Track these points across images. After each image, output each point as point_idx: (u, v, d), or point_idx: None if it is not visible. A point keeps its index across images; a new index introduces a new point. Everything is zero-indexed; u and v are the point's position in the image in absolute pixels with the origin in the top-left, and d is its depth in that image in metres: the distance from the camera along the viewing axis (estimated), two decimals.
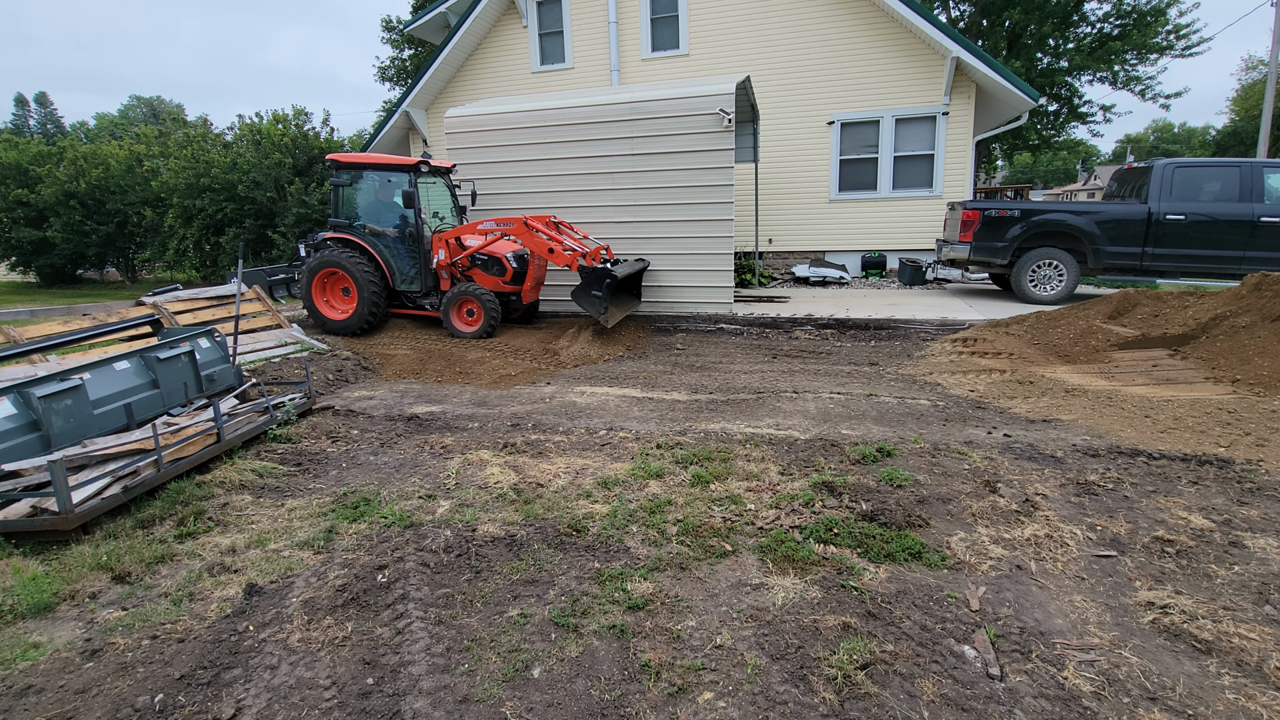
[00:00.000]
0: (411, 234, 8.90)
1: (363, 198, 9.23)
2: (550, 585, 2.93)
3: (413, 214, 8.82)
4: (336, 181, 9.10)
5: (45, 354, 6.15)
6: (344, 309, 9.03)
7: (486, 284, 8.86)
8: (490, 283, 8.89)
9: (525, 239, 8.32)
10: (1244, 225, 9.17)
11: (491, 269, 8.91)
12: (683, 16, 13.45)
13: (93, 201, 19.13)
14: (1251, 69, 39.04)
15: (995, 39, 21.26)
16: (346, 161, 9.08)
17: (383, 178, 9.05)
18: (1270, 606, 2.66)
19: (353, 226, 9.09)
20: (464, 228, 8.88)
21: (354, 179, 9.12)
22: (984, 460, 4.27)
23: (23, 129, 54.89)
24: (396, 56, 29.17)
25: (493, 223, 8.59)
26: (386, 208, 9.14)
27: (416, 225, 8.85)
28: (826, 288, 12.66)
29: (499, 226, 8.50)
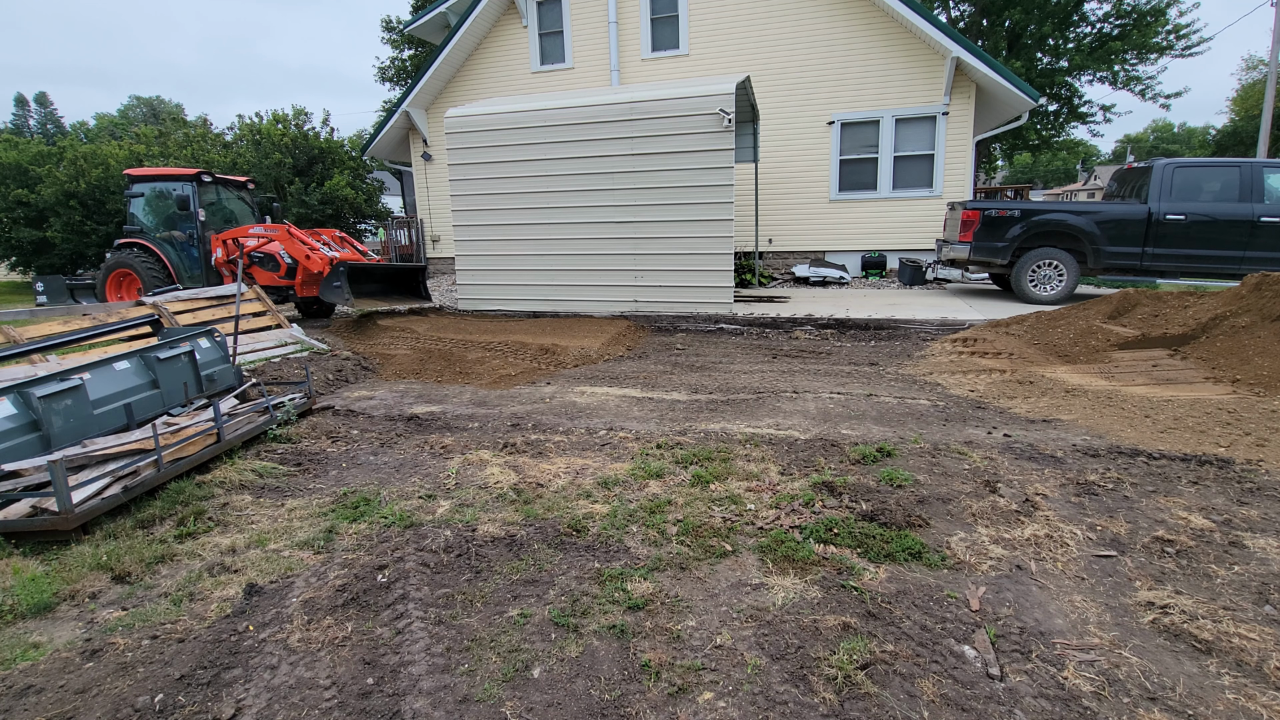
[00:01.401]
0: (192, 235, 10.37)
1: (151, 206, 10.67)
2: (550, 585, 2.93)
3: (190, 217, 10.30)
4: (130, 193, 10.56)
5: (45, 354, 6.15)
6: None
7: (264, 279, 9.95)
8: (267, 278, 9.96)
9: (288, 245, 9.65)
10: (1244, 225, 9.18)
11: (267, 265, 10.01)
12: (683, 16, 13.45)
13: (93, 201, 19.11)
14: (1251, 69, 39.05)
15: (995, 39, 21.26)
16: (138, 175, 10.79)
17: (167, 187, 10.61)
18: (1270, 606, 2.66)
19: (143, 232, 10.50)
20: (236, 230, 10.18)
21: (144, 190, 10.64)
22: (984, 460, 4.27)
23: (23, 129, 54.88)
24: (396, 56, 29.18)
25: (260, 228, 10.13)
26: (171, 214, 10.54)
27: (196, 228, 10.32)
28: (826, 288, 12.66)
29: (266, 232, 9.97)
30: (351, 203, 16.04)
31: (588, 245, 10.27)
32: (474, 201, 10.69)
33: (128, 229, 10.57)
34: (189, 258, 10.43)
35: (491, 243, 10.82)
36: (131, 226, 10.60)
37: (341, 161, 16.80)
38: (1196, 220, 9.34)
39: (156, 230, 10.61)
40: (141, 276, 10.08)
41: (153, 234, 10.50)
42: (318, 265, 9.22)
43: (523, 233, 10.55)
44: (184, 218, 10.40)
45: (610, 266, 10.10)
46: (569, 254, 10.43)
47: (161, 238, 10.50)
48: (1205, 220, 9.33)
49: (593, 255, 10.27)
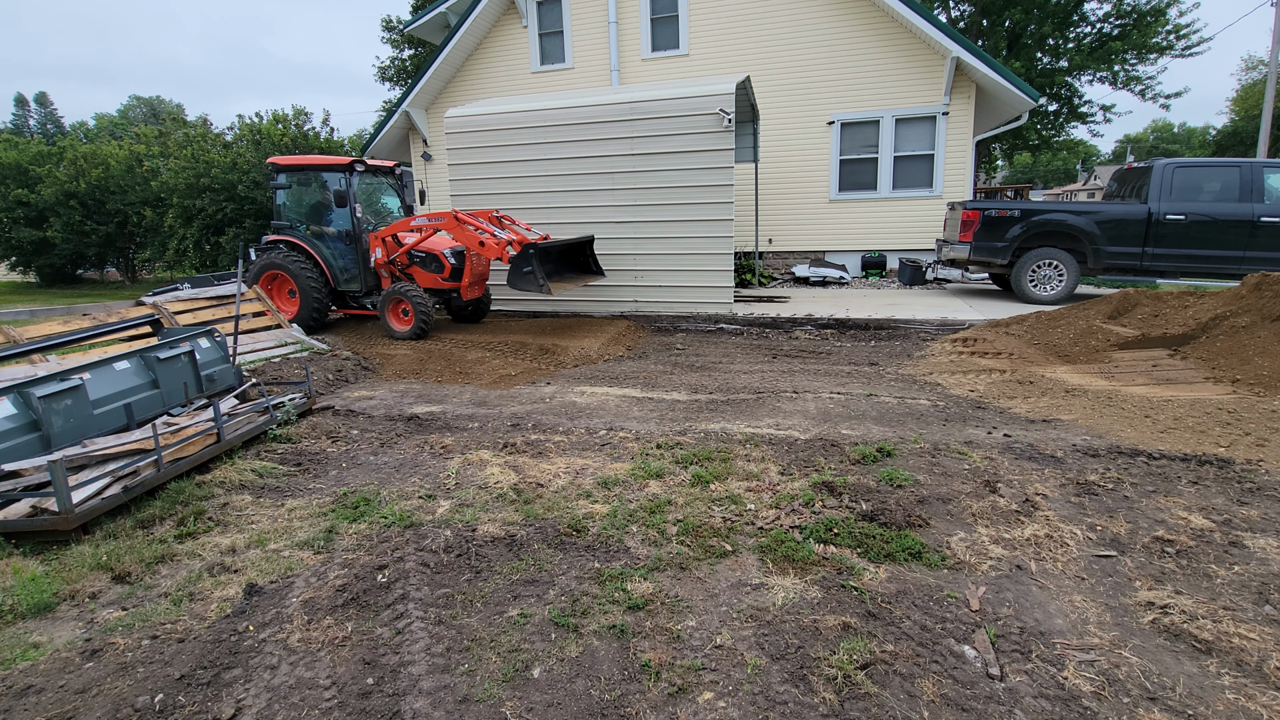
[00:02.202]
0: (348, 233, 9.01)
1: (302, 200, 9.37)
2: (550, 585, 2.93)
3: (347, 213, 8.91)
4: (276, 184, 9.19)
5: (45, 354, 6.15)
6: (290, 310, 9.11)
7: (425, 281, 8.83)
8: (428, 280, 8.83)
9: (456, 233, 8.21)
10: (1244, 225, 9.18)
11: (429, 266, 8.82)
12: (683, 16, 13.44)
13: (93, 201, 19.13)
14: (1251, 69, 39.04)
15: (995, 39, 21.26)
16: (285, 164, 9.19)
17: (318, 178, 9.18)
18: (1270, 606, 2.66)
19: (294, 228, 9.23)
20: (397, 224, 8.74)
21: (292, 181, 9.28)
22: (984, 460, 4.27)
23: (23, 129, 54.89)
24: (396, 56, 29.18)
25: (425, 218, 8.47)
26: (324, 208, 9.23)
27: (352, 224, 8.96)
28: (826, 288, 12.66)
29: (431, 221, 8.41)
30: None
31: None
32: (474, 201, 10.68)
33: (275, 224, 9.30)
34: (346, 257, 9.19)
35: None
36: (280, 221, 9.29)
37: None
38: (1196, 220, 9.34)
39: (305, 225, 9.37)
40: (296, 279, 8.82)
41: (303, 230, 9.27)
42: (494, 251, 7.92)
43: None
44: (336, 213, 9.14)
45: (610, 266, 10.09)
46: None
47: (312, 233, 9.25)
48: (1205, 220, 9.33)
49: None
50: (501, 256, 7.92)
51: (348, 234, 9.02)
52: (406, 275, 8.93)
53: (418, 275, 8.87)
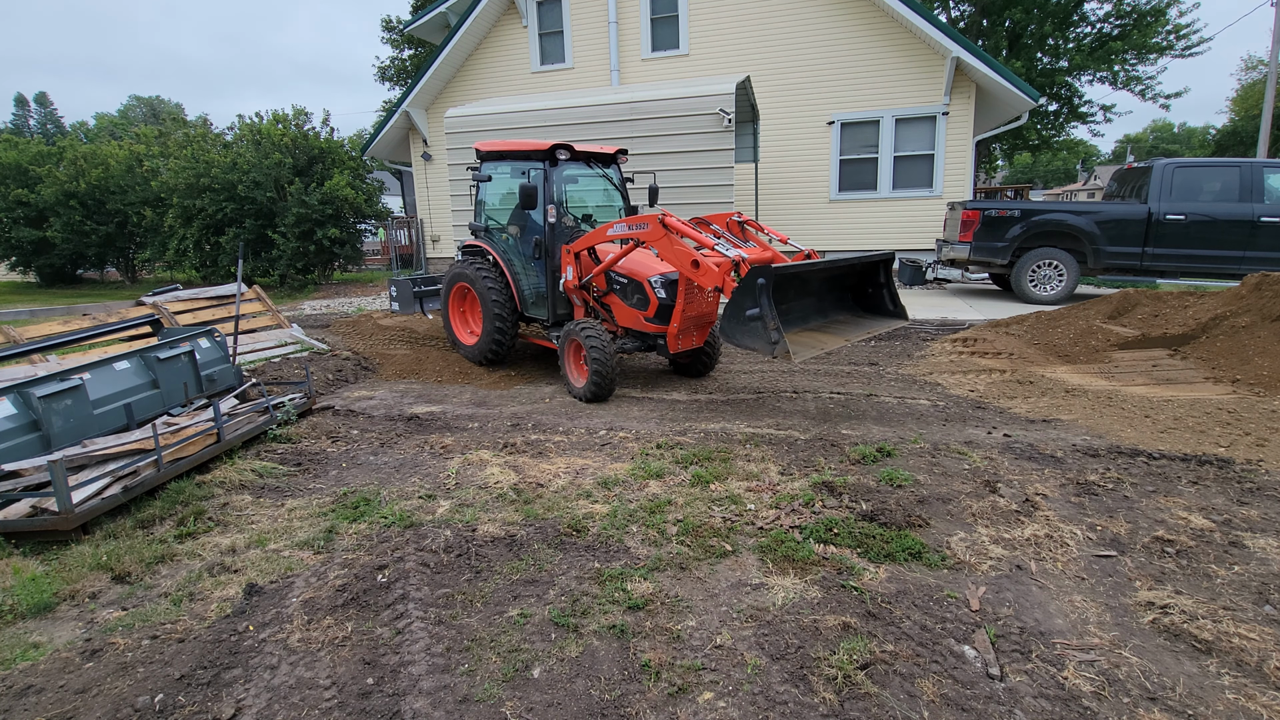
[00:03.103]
0: (539, 243, 6.57)
1: (499, 196, 7.27)
2: (550, 585, 2.93)
3: (538, 215, 6.52)
4: (478, 176, 7.11)
5: (45, 354, 6.15)
6: (475, 331, 7.31)
7: (625, 319, 6.20)
8: (628, 317, 6.15)
9: (664, 249, 5.47)
10: (1244, 225, 9.18)
11: (630, 297, 6.09)
12: (683, 16, 13.44)
13: (93, 201, 19.12)
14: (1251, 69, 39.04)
15: (995, 39, 21.27)
16: (488, 150, 7.02)
17: (516, 169, 6.83)
18: (1270, 606, 2.66)
19: (489, 232, 7.23)
20: (595, 234, 6.16)
21: (491, 173, 7.11)
22: (984, 460, 4.27)
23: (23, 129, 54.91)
24: (396, 56, 29.19)
25: (624, 225, 5.81)
26: (518, 208, 6.90)
27: (543, 231, 6.47)
28: None
29: (631, 229, 5.73)
30: (351, 203, 16.03)
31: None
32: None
33: (474, 225, 7.37)
34: (535, 274, 6.82)
35: None
36: (477, 224, 7.37)
37: (341, 161, 16.79)
38: (1196, 220, 9.34)
39: (502, 231, 7.20)
40: (481, 299, 6.84)
41: (498, 236, 7.16)
42: (712, 278, 5.08)
43: None
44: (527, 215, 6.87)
45: None
46: None
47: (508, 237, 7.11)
48: (1205, 220, 9.34)
49: None
50: (723, 285, 5.04)
51: (538, 244, 6.59)
52: (603, 305, 6.43)
53: (616, 308, 6.26)
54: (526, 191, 6.04)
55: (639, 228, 5.66)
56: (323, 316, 11.61)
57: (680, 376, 6.79)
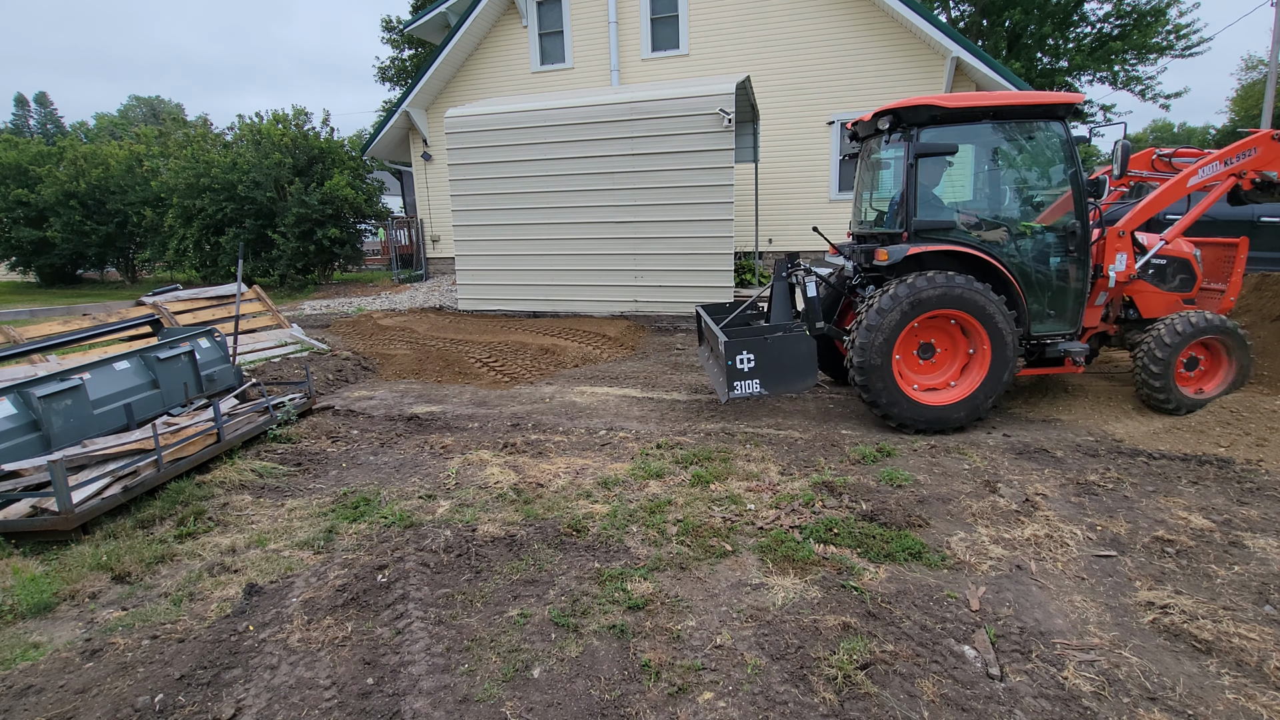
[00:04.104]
0: (1071, 232, 4.89)
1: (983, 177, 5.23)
2: (550, 585, 2.93)
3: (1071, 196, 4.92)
4: (932, 147, 4.85)
5: (45, 354, 6.15)
6: (925, 384, 5.04)
7: (1157, 308, 5.24)
8: (1162, 305, 5.23)
9: None
10: (1244, 225, 9.17)
11: (1170, 279, 5.27)
12: (683, 16, 13.44)
13: (93, 201, 19.13)
14: (1251, 69, 39.03)
15: (995, 39, 21.26)
16: (956, 108, 4.84)
17: (1020, 132, 4.99)
18: (1270, 606, 2.66)
19: (953, 229, 4.96)
20: (1150, 203, 5.04)
21: (955, 141, 4.95)
22: (984, 460, 4.27)
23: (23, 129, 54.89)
24: (396, 56, 29.18)
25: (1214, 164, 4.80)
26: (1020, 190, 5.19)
27: (1079, 215, 4.88)
28: None
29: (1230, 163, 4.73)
30: (351, 203, 16.02)
31: (588, 245, 10.27)
32: (474, 201, 10.69)
33: (923, 222, 4.90)
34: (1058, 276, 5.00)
35: (492, 243, 10.82)
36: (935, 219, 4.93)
37: (341, 161, 16.79)
38: (1196, 220, 9.33)
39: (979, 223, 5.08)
40: (989, 327, 4.74)
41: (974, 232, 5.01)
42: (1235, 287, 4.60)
43: (523, 233, 10.55)
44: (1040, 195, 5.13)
45: (610, 266, 10.11)
46: (569, 254, 10.43)
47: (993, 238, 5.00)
48: (1205, 220, 9.32)
49: (593, 255, 10.27)
50: None
51: (1071, 233, 4.90)
52: (1122, 303, 5.37)
53: (1147, 297, 5.26)
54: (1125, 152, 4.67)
55: (1244, 155, 4.64)
56: (323, 316, 11.62)
57: (700, 373, 6.76)
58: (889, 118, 4.97)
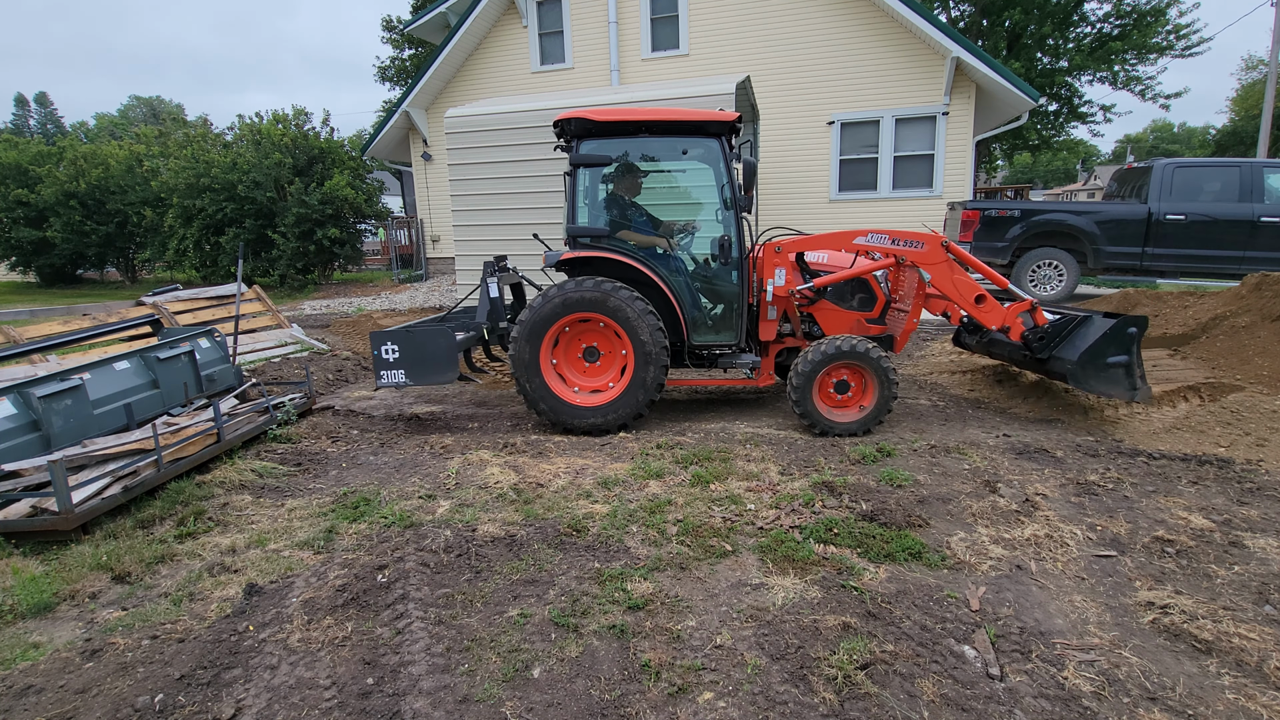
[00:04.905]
0: (725, 244, 5.08)
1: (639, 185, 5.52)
2: (550, 585, 2.93)
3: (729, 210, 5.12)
4: (586, 159, 5.16)
5: (45, 354, 6.15)
6: (601, 386, 5.22)
7: (838, 325, 5.34)
8: (843, 323, 5.35)
9: (939, 278, 4.97)
10: (1244, 225, 9.18)
11: (848, 299, 5.43)
12: (683, 16, 13.44)
13: (93, 201, 19.14)
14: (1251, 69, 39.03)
15: (995, 39, 21.26)
16: (607, 120, 5.12)
17: (673, 146, 5.30)
18: (1270, 606, 2.66)
19: (615, 238, 5.23)
20: (819, 238, 5.24)
21: (621, 153, 5.27)
22: (984, 460, 4.27)
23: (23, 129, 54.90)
24: (396, 56, 29.19)
25: (884, 237, 5.09)
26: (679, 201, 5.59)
27: (736, 229, 5.11)
28: None
29: (898, 245, 5.07)
30: (351, 203, 16.02)
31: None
32: (474, 201, 10.68)
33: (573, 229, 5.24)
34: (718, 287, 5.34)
35: (492, 243, 10.80)
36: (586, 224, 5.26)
37: (341, 161, 16.79)
38: (1196, 220, 9.34)
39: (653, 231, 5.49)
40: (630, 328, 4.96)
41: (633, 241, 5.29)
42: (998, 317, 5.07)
43: (523, 233, 10.50)
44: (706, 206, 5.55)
45: None
46: None
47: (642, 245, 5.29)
48: (1205, 220, 9.33)
49: None
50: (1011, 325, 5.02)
51: (726, 245, 5.08)
52: (801, 317, 5.51)
53: (827, 315, 5.36)
54: (750, 170, 4.82)
55: (910, 245, 5.02)
56: (323, 316, 11.62)
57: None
58: (558, 128, 5.29)
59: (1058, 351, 4.90)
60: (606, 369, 5.24)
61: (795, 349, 5.51)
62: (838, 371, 4.90)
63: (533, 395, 5.07)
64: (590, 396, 5.15)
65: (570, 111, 5.12)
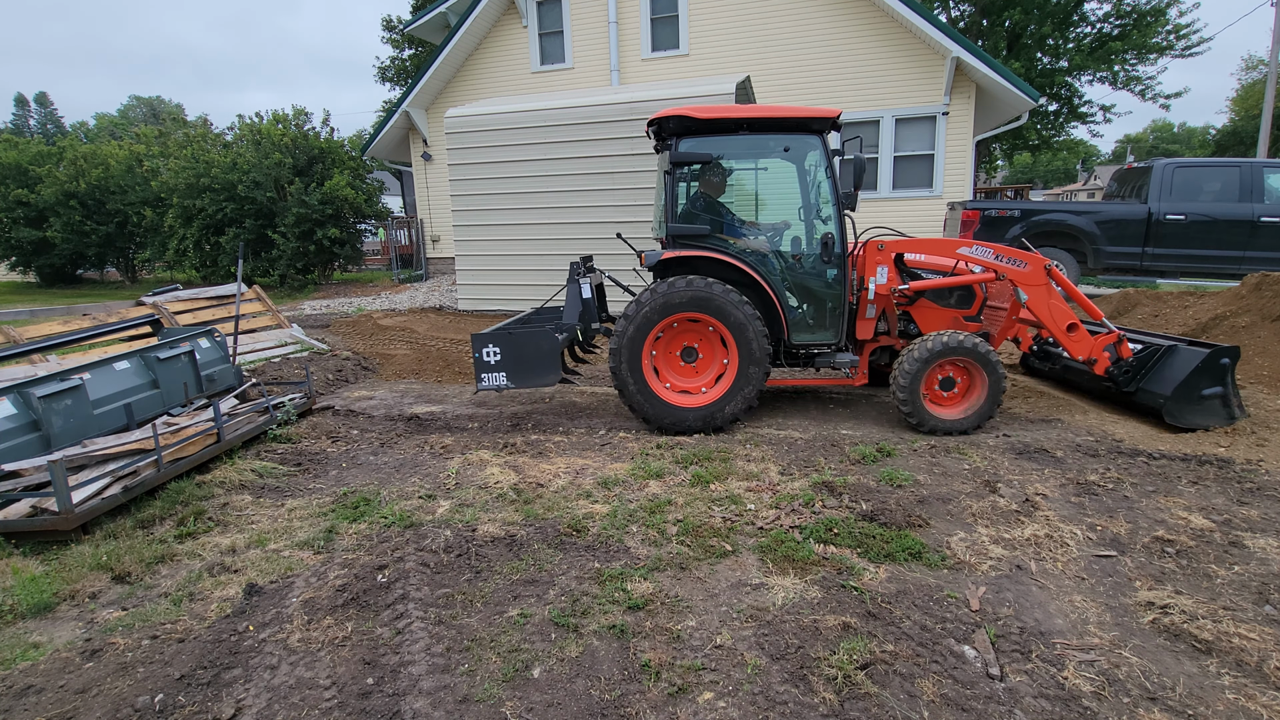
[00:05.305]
0: (828, 243, 4.97)
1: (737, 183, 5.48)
2: (550, 585, 2.93)
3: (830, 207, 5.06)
4: (689, 156, 5.06)
5: (45, 354, 6.15)
6: (680, 386, 5.17)
7: (936, 323, 5.23)
8: (941, 320, 5.24)
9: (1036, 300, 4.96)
10: (1244, 225, 9.17)
11: (948, 297, 5.27)
12: (683, 16, 13.44)
13: (93, 201, 19.13)
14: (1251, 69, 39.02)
15: (995, 39, 21.26)
16: (709, 118, 4.99)
17: (773, 143, 5.13)
18: (1270, 606, 2.66)
19: (715, 237, 5.17)
20: (920, 241, 5.26)
21: (720, 153, 5.18)
22: (984, 460, 4.27)
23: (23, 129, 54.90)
24: (396, 56, 29.18)
25: (988, 250, 5.05)
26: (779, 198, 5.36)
27: (838, 228, 5.01)
28: None
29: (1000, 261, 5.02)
30: (351, 203, 16.02)
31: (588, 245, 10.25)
32: (474, 201, 10.69)
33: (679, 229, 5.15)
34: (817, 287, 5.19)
35: (492, 243, 10.82)
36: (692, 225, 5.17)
37: (341, 161, 16.78)
38: (1196, 220, 9.34)
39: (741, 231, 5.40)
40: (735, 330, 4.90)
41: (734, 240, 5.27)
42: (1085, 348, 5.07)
43: (523, 233, 10.55)
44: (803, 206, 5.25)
45: (611, 267, 10.07)
46: (569, 254, 10.41)
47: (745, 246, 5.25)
48: (1205, 220, 9.33)
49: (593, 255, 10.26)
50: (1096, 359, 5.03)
51: (828, 243, 4.98)
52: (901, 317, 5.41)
53: (926, 314, 5.26)
54: (861, 168, 4.83)
55: (1011, 262, 4.99)
56: (323, 316, 11.62)
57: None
58: (654, 127, 5.23)
59: (1146, 385, 4.86)
60: (704, 370, 5.16)
61: (887, 348, 5.48)
62: (943, 368, 4.89)
63: (634, 396, 4.96)
64: (685, 397, 5.07)
65: (670, 109, 5.01)
